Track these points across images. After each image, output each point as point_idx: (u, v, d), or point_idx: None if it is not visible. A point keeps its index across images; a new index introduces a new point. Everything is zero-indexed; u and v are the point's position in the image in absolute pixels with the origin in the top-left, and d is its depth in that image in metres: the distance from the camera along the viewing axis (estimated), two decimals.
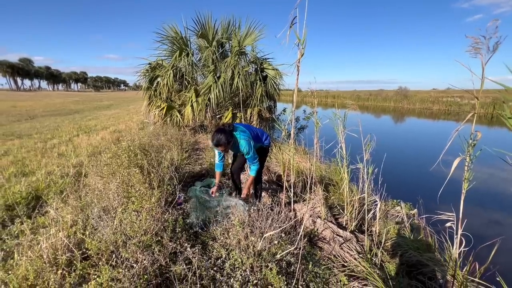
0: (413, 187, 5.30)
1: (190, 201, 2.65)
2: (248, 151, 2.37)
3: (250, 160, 2.44)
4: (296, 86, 2.43)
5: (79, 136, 6.44)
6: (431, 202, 3.15)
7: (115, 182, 2.00)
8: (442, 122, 17.85)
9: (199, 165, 4.14)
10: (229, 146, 2.31)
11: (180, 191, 2.80)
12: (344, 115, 2.86)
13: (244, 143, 2.36)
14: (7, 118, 12.67)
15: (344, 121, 2.85)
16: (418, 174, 6.22)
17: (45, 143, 5.63)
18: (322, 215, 2.87)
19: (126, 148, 2.22)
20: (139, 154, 2.23)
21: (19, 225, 2.19)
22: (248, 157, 2.43)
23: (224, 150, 2.35)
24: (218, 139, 2.23)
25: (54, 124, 9.65)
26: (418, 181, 5.77)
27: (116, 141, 5.88)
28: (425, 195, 3.56)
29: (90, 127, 8.36)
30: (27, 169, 3.71)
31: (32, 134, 6.91)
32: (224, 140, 2.24)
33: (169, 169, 2.55)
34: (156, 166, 2.33)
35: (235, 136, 2.39)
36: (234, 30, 6.58)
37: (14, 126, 9.25)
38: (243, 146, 2.36)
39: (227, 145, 2.27)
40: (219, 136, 2.24)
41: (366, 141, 2.39)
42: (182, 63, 6.27)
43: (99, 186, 2.22)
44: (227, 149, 2.36)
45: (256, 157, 2.46)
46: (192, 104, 5.98)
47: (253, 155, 2.42)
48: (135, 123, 8.75)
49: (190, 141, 5.38)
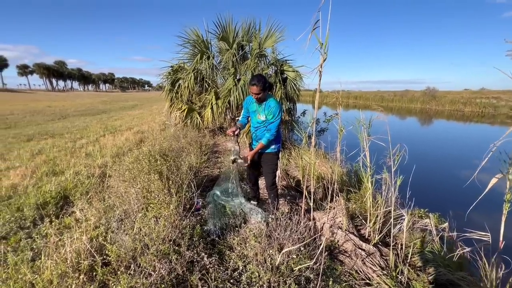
0: (443, 198, 4.96)
1: (208, 206, 2.65)
2: (274, 114, 2.32)
3: (272, 126, 2.35)
4: (317, 91, 2.35)
5: (105, 136, 6.74)
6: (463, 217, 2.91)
7: (136, 188, 2.04)
8: (476, 125, 16.66)
9: (218, 169, 4.16)
10: (264, 92, 2.27)
11: (198, 196, 2.81)
12: (369, 122, 2.72)
13: (274, 103, 2.33)
14: (43, 117, 13.62)
15: (368, 128, 2.72)
16: (450, 184, 5.81)
17: (75, 143, 5.95)
18: (343, 226, 2.75)
19: (147, 153, 2.26)
20: (159, 159, 2.26)
21: (48, 224, 2.31)
22: (271, 120, 2.35)
23: (257, 94, 2.26)
24: (259, 78, 2.23)
25: (83, 123, 10.20)
26: (449, 191, 5.39)
27: (139, 142, 6.08)
28: (457, 208, 3.30)
29: (116, 127, 8.74)
30: (58, 169, 3.92)
31: (64, 134, 7.34)
32: (263, 81, 2.22)
33: (187, 174, 2.56)
34: (175, 171, 2.35)
35: (268, 96, 2.37)
36: (255, 32, 6.56)
37: (49, 125, 9.90)
38: (272, 106, 2.32)
39: (263, 88, 2.23)
40: (259, 77, 2.25)
41: (395, 151, 2.25)
42: (203, 65, 6.35)
43: (121, 190, 2.27)
44: (260, 95, 2.27)
45: (278, 125, 2.39)
46: (212, 107, 6.04)
47: (277, 121, 2.35)
48: (157, 124, 9.02)
49: (209, 144, 5.44)
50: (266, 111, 2.37)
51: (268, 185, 2.56)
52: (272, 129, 2.36)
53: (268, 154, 2.51)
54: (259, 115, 2.42)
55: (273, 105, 2.33)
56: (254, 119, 2.49)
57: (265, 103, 2.38)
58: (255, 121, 2.49)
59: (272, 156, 2.49)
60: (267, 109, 2.36)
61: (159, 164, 2.24)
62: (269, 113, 2.34)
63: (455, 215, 3.07)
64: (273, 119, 2.35)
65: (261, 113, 2.41)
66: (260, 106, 2.41)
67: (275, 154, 2.51)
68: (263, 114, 2.40)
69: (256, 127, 2.51)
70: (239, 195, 2.90)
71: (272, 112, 2.33)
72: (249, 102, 2.52)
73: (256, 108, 2.45)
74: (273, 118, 2.35)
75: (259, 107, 2.42)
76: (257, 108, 2.44)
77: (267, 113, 2.36)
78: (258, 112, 2.44)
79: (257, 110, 2.45)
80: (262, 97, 2.30)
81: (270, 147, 2.47)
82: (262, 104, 2.39)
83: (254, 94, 2.27)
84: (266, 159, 2.52)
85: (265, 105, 2.38)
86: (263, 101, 2.37)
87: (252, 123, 2.56)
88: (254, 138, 2.61)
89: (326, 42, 2.14)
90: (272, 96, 2.40)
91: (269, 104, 2.35)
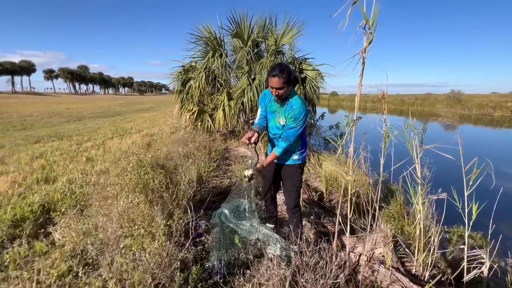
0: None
1: (213, 231, 2.11)
2: (296, 117, 1.72)
3: (290, 133, 1.76)
4: (360, 84, 1.77)
5: (113, 139, 6.43)
6: None
7: (116, 209, 1.54)
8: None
9: (228, 179, 3.63)
10: (287, 87, 1.67)
11: (202, 216, 2.27)
12: (422, 128, 2.12)
13: (298, 103, 1.74)
14: (59, 119, 13.76)
15: (423, 134, 2.10)
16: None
17: (80, 146, 5.65)
18: (387, 260, 2.11)
19: (135, 165, 1.77)
20: (150, 173, 1.76)
21: (16, 248, 1.86)
22: (290, 125, 1.75)
23: (279, 89, 1.66)
24: (282, 67, 1.64)
25: (96, 125, 10.07)
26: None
27: (146, 145, 5.69)
28: None
29: (126, 129, 8.48)
30: (53, 175, 3.54)
31: (72, 136, 7.12)
32: (287, 72, 1.63)
33: (189, 188, 2.04)
34: (172, 187, 1.83)
35: (292, 93, 1.79)
36: (271, 28, 6.04)
37: (62, 127, 9.83)
38: (295, 107, 1.72)
39: (287, 81, 1.64)
40: (283, 66, 1.66)
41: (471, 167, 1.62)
42: (215, 64, 5.90)
43: (104, 210, 1.78)
44: (283, 91, 1.67)
45: (299, 131, 1.78)
46: (224, 108, 5.56)
47: (297, 128, 1.74)
48: (168, 126, 8.68)
49: (220, 149, 4.93)
50: (286, 113, 1.79)
51: (290, 207, 1.98)
52: (290, 137, 1.76)
53: (290, 167, 1.93)
54: (279, 118, 1.83)
55: (296, 105, 1.73)
56: (273, 122, 1.90)
57: (287, 102, 1.78)
58: (274, 125, 1.89)
59: (295, 170, 1.91)
60: (289, 111, 1.77)
61: (149, 178, 1.73)
62: (289, 116, 1.75)
63: None
64: (294, 123, 1.73)
65: (282, 116, 1.81)
66: (281, 106, 1.82)
67: (298, 167, 1.92)
68: (283, 117, 1.80)
69: (274, 134, 1.91)
70: (253, 216, 2.33)
71: (293, 116, 1.72)
72: (268, 98, 1.92)
73: (276, 108, 1.85)
74: (294, 123, 1.73)
75: (280, 107, 1.82)
76: (276, 108, 1.85)
77: (287, 116, 1.78)
78: (278, 114, 1.84)
79: (276, 111, 1.85)
80: (284, 93, 1.69)
81: (292, 157, 1.89)
82: (284, 104, 1.79)
83: (275, 88, 1.67)
84: (287, 173, 1.95)
85: (286, 105, 1.79)
86: (285, 99, 1.77)
87: (269, 128, 1.97)
88: (271, 146, 2.03)
89: (373, 18, 1.56)
90: (297, 93, 1.82)
91: (291, 104, 1.76)
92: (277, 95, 1.68)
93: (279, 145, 1.80)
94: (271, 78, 1.63)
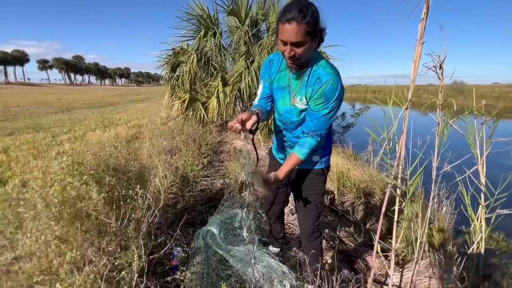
0: None
1: (194, 261, 1.49)
2: (328, 97, 1.02)
3: (321, 122, 1.06)
4: (415, 65, 1.13)
5: (95, 131, 5.76)
6: None
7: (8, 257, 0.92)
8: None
9: (221, 177, 2.99)
10: (311, 41, 0.96)
11: (180, 238, 1.64)
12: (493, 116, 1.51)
13: (332, 72, 1.02)
14: (47, 110, 13.01)
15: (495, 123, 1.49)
16: None
17: (55, 139, 4.99)
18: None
19: (66, 172, 1.12)
20: (91, 183, 1.12)
21: None
22: (319, 110, 1.04)
23: (297, 44, 0.94)
24: (304, 5, 0.90)
25: (83, 116, 9.37)
26: None
27: (131, 138, 5.03)
28: None
29: (113, 120, 7.79)
30: (6, 175, 2.90)
31: (51, 128, 6.44)
32: (313, 14, 0.92)
33: (156, 203, 1.40)
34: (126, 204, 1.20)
35: (316, 58, 1.07)
36: (273, 4, 5.28)
37: (45, 118, 9.13)
38: (328, 76, 1.01)
39: (311, 32, 0.93)
40: (306, 2, 0.93)
41: None
42: (209, 45, 5.18)
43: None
44: (304, 48, 0.95)
45: (332, 120, 1.11)
46: (218, 95, 4.87)
47: (333, 112, 1.06)
48: (160, 117, 8.00)
49: (213, 142, 4.28)
50: (308, 89, 1.07)
51: (307, 233, 1.30)
52: (321, 129, 1.07)
53: (308, 174, 1.26)
54: (294, 99, 1.12)
55: (327, 76, 1.01)
56: (282, 105, 1.18)
57: (308, 71, 1.07)
58: (284, 110, 1.17)
59: (316, 179, 1.25)
60: (312, 86, 1.05)
61: (84, 193, 1.09)
62: (316, 95, 1.04)
63: None
64: (325, 106, 1.03)
65: (299, 94, 1.10)
66: (297, 78, 1.10)
67: (320, 173, 1.25)
68: (302, 97, 1.10)
69: (285, 123, 1.22)
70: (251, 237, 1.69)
71: (324, 93, 1.02)
72: (275, 67, 1.17)
73: (289, 81, 1.13)
74: (325, 105, 1.03)
75: (296, 79, 1.11)
76: (290, 82, 1.13)
77: (311, 94, 1.06)
78: (293, 92, 1.13)
79: (289, 85, 1.13)
80: (305, 53, 0.97)
81: (311, 159, 1.22)
82: (303, 74, 1.08)
83: (290, 44, 0.94)
84: (303, 183, 1.28)
85: (308, 76, 1.07)
86: (304, 65, 1.06)
87: (277, 113, 1.26)
88: (278, 143, 1.33)
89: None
90: (323, 58, 1.08)
91: (317, 73, 1.04)
92: (293, 56, 0.96)
93: (304, 144, 1.08)
94: (284, 25, 0.91)
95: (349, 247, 2.26)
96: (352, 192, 3.35)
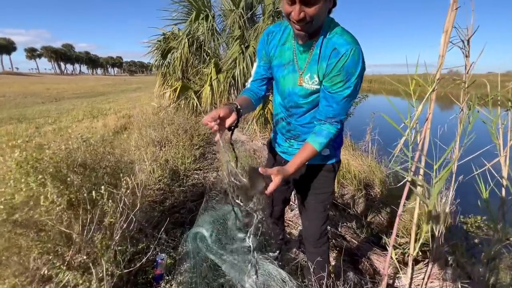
0: None
1: (182, 267, 1.31)
2: (352, 69, 0.80)
3: (341, 105, 0.85)
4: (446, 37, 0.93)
5: (82, 121, 5.47)
6: None
7: None
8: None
9: (215, 171, 2.80)
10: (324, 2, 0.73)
11: (165, 243, 1.45)
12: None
13: (351, 42, 0.80)
14: (34, 100, 12.51)
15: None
16: None
17: (38, 130, 4.70)
18: None
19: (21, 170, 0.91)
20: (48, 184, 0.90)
21: None
22: (340, 89, 0.82)
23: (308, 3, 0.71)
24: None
25: (71, 106, 9.00)
26: None
27: (119, 129, 4.77)
28: None
29: (102, 110, 7.48)
30: None
31: (36, 118, 6.12)
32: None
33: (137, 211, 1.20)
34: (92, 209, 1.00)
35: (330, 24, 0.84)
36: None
37: (31, 109, 8.74)
38: (348, 47, 0.79)
39: None
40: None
41: None
42: (201, 29, 4.86)
43: None
44: (317, 7, 0.72)
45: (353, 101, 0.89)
46: (212, 83, 4.61)
47: (356, 92, 0.85)
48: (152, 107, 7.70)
49: (206, 132, 4.05)
50: (321, 65, 0.84)
51: (313, 238, 1.11)
52: (341, 115, 0.87)
53: (315, 171, 1.05)
54: (302, 77, 0.90)
55: (346, 47, 0.79)
56: (286, 85, 0.95)
57: (319, 41, 0.84)
58: (288, 91, 0.95)
59: (326, 176, 1.05)
60: (326, 60, 0.83)
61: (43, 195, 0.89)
62: (335, 71, 0.81)
63: None
64: (346, 86, 0.82)
65: (309, 70, 0.88)
66: (305, 51, 0.87)
67: (331, 170, 1.05)
68: (312, 74, 0.87)
69: (289, 108, 0.99)
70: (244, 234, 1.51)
71: (344, 68, 0.80)
72: (276, 39, 0.94)
73: (295, 55, 0.90)
74: (346, 85, 0.82)
75: (303, 53, 0.88)
76: (296, 57, 0.90)
77: (328, 71, 0.83)
78: (299, 69, 0.90)
79: (295, 60, 0.90)
80: (317, 15, 0.73)
81: (322, 153, 0.99)
82: (313, 46, 0.85)
83: (300, 1, 0.71)
84: (309, 181, 1.07)
85: (320, 48, 0.84)
86: (315, 34, 0.83)
87: (278, 96, 1.03)
88: (280, 133, 1.10)
89: None
90: (339, 25, 0.85)
91: (332, 43, 0.81)
92: (303, 19, 0.73)
93: (321, 132, 0.87)
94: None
95: (352, 244, 2.11)
96: (353, 184, 3.20)
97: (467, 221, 2.51)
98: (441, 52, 0.94)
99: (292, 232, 1.91)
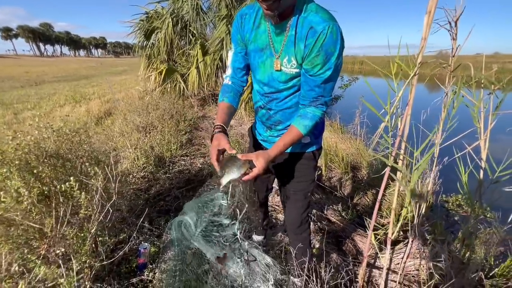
0: None
1: (166, 256, 1.31)
2: (328, 54, 0.76)
3: (324, 88, 0.82)
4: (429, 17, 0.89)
5: (64, 107, 5.25)
6: None
7: None
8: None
9: (201, 157, 2.76)
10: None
11: (148, 232, 1.44)
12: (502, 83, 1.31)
13: (327, 19, 0.75)
14: (12, 84, 11.89)
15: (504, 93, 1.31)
16: None
17: (16, 116, 4.49)
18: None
19: None
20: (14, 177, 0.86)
21: None
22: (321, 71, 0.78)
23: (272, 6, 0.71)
24: None
25: (52, 91, 8.61)
26: None
27: (103, 115, 4.61)
28: None
29: (86, 95, 7.18)
30: None
31: (14, 104, 5.83)
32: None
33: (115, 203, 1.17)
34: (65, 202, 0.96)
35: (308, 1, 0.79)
36: None
37: (9, 93, 8.30)
38: (324, 24, 0.74)
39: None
40: None
41: None
42: (185, 8, 4.62)
43: None
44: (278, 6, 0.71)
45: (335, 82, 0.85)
46: (198, 65, 4.45)
47: (337, 72, 0.81)
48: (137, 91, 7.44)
49: (193, 117, 3.96)
50: (301, 44, 0.79)
51: (294, 226, 1.12)
52: (326, 96, 0.83)
53: (295, 158, 1.03)
54: (278, 61, 0.85)
55: (322, 24, 0.74)
56: (263, 73, 0.91)
57: (294, 21, 0.78)
58: (265, 77, 0.91)
59: (306, 164, 1.03)
60: (303, 40, 0.78)
61: None
62: (314, 51, 0.77)
63: None
64: (327, 67, 0.77)
65: (286, 54, 0.83)
66: (280, 33, 0.82)
67: (311, 158, 1.03)
68: (290, 57, 0.83)
69: (269, 94, 0.94)
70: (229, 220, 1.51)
71: (322, 48, 0.75)
72: (250, 22, 0.88)
73: (269, 39, 0.85)
74: (326, 66, 0.77)
75: (278, 35, 0.83)
76: (271, 40, 0.85)
77: (306, 52, 0.78)
78: (275, 52, 0.85)
79: (271, 44, 0.85)
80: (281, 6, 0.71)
81: (302, 141, 0.97)
82: (287, 26, 0.80)
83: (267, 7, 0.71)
84: (289, 168, 1.05)
85: (295, 27, 0.78)
86: (287, 14, 0.78)
87: (257, 83, 0.98)
88: (260, 120, 1.07)
89: None
90: (313, 1, 0.79)
91: (307, 22, 0.76)
92: (272, 2, 0.69)
93: (306, 114, 0.84)
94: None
95: (337, 226, 2.16)
96: (340, 167, 3.24)
97: (448, 199, 2.61)
98: (424, 35, 0.91)
99: (278, 216, 1.94)
